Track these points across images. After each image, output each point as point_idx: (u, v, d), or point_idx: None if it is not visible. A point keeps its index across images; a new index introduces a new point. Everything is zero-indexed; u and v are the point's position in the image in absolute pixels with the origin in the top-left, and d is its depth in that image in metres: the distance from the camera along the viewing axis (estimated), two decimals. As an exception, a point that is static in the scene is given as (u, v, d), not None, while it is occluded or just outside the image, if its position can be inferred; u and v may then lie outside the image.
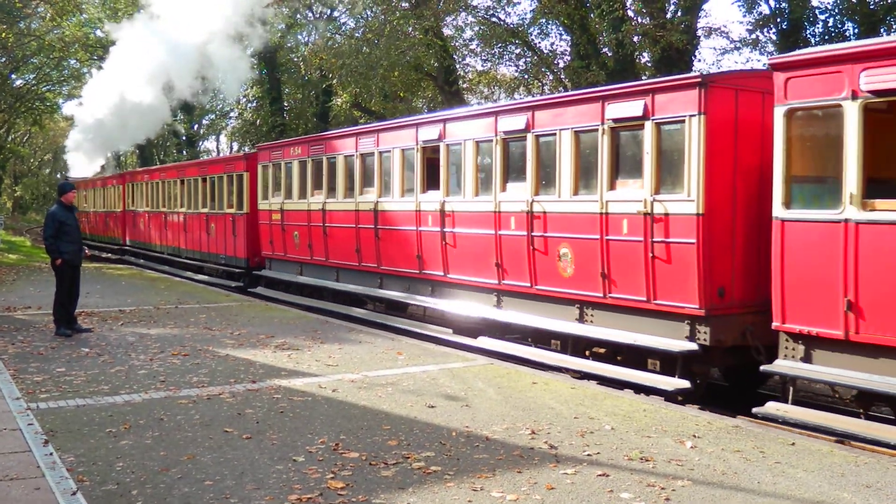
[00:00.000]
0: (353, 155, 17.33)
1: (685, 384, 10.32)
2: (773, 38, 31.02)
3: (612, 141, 11.26)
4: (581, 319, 11.84)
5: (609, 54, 29.14)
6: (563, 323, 12.08)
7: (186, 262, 27.59)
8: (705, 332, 10.25)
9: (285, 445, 7.68)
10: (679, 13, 28.90)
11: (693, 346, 10.31)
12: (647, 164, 10.71)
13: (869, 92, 8.31)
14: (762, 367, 9.67)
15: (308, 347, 12.96)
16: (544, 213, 12.26)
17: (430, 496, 6.37)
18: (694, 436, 8.11)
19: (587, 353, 11.83)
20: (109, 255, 37.40)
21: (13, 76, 51.16)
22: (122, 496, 6.33)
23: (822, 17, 29.35)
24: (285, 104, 45.55)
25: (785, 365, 9.31)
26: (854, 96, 8.43)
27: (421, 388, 10.12)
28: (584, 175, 11.74)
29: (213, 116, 61.01)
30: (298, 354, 12.34)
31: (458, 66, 36.43)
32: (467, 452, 7.49)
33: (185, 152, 55.30)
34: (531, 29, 34.74)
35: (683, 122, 10.27)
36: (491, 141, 13.31)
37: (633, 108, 10.91)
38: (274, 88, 42.74)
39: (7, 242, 48.21)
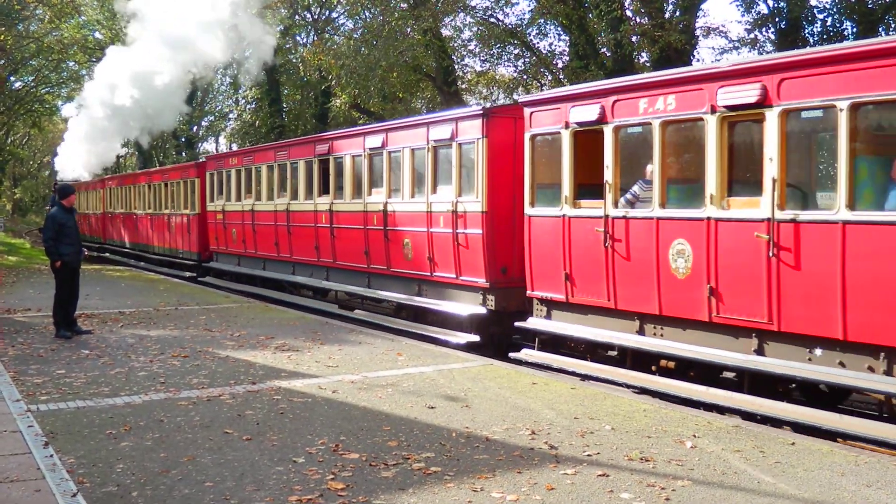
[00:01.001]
0: (272, 165, 21.33)
1: (475, 338, 13.75)
2: (772, 37, 31.01)
3: (434, 157, 14.73)
4: (419, 294, 15.41)
5: (608, 54, 29.15)
6: (404, 296, 15.72)
7: (154, 258, 31.25)
8: (492, 300, 13.59)
9: (285, 446, 7.68)
10: (677, 13, 28.88)
11: (483, 311, 13.67)
12: (453, 175, 14.13)
13: (575, 123, 11.62)
14: (516, 324, 12.87)
15: (308, 349, 12.96)
16: (394, 211, 15.79)
17: (430, 497, 6.37)
18: (694, 436, 8.12)
19: (414, 317, 15.84)
20: (87, 252, 38.49)
21: (12, 78, 51.18)
22: (123, 498, 6.33)
23: (821, 16, 29.33)
24: (284, 105, 45.56)
25: (533, 321, 12.56)
26: (566, 126, 11.78)
27: (421, 389, 10.12)
28: (418, 182, 15.27)
29: (212, 118, 61.07)
30: (298, 356, 12.34)
31: (456, 67, 36.42)
32: (467, 453, 7.49)
33: (184, 154, 55.32)
34: (529, 29, 34.73)
35: (474, 143, 13.65)
36: (361, 154, 17.09)
37: (445, 131, 14.34)
38: (273, 90, 42.74)
39: (6, 244, 48.24)
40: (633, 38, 27.61)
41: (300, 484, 6.64)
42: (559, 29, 33.82)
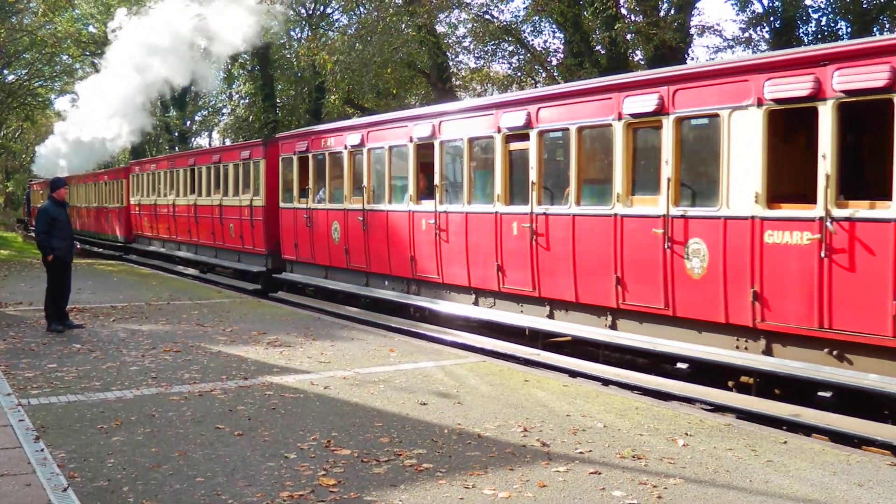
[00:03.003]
0: (188, 167, 27.04)
1: (258, 287, 21.46)
2: (767, 36, 31.05)
3: (244, 170, 22.72)
4: (239, 261, 23.47)
5: (602, 52, 29.13)
6: (231, 262, 23.80)
7: (103, 244, 37.92)
8: (271, 261, 21.05)
9: (277, 442, 7.66)
10: (672, 11, 28.88)
11: (263, 269, 21.44)
12: (251, 182, 22.19)
13: (298, 152, 19.75)
14: (274, 276, 20.81)
15: (300, 344, 12.94)
16: (224, 206, 23.78)
17: (421, 493, 6.36)
18: (686, 434, 8.12)
19: (234, 275, 24.09)
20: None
21: (5, 71, 51.05)
22: (113, 492, 6.31)
23: (815, 15, 29.38)
24: (278, 101, 45.48)
25: (284, 274, 20.24)
26: (296, 154, 19.55)
27: (413, 386, 10.11)
28: (237, 187, 23.22)
29: (205, 112, 60.93)
30: (290, 351, 12.32)
31: (451, 64, 36.37)
32: (459, 450, 7.49)
33: (177, 148, 55.20)
34: (524, 26, 34.72)
35: (259, 161, 21.64)
36: (215, 165, 24.99)
37: (246, 154, 22.57)
38: (267, 85, 42.66)
39: (-2, 238, 48.13)
40: (628, 36, 27.61)
41: (292, 480, 6.63)
42: (554, 26, 33.81)
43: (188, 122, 58.57)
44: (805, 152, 9.41)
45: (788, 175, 9.65)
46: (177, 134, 56.45)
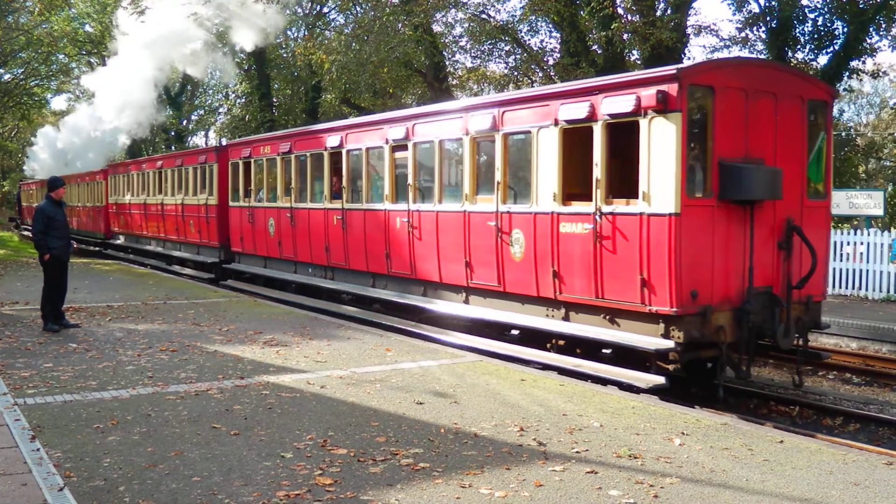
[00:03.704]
0: (157, 169, 30.09)
1: (213, 276, 24.39)
2: (763, 36, 31.04)
3: (201, 172, 25.49)
4: (198, 253, 26.43)
5: (599, 52, 29.13)
6: (191, 255, 27.20)
7: (85, 240, 39.20)
8: (223, 253, 24.01)
9: (273, 442, 7.66)
10: (669, 11, 28.87)
11: (217, 260, 24.31)
12: (206, 183, 25.03)
13: (241, 158, 22.56)
14: (224, 266, 23.63)
15: (296, 343, 12.94)
16: (185, 204, 27.06)
17: (418, 493, 6.36)
18: (682, 433, 8.13)
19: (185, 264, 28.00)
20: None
21: (1, 70, 50.91)
22: (110, 492, 6.30)
23: (812, 15, 29.38)
24: (274, 100, 45.43)
25: (233, 264, 23.30)
26: (242, 158, 22.42)
27: (409, 385, 10.11)
28: (195, 187, 26.33)
29: (202, 112, 60.88)
30: (287, 350, 12.32)
31: (447, 63, 36.36)
32: (456, 449, 7.49)
33: (173, 147, 55.17)
34: (521, 26, 34.69)
35: (213, 165, 24.45)
36: (177, 168, 28.28)
37: (202, 158, 25.65)
38: (263, 84, 42.62)
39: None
40: (625, 36, 27.60)
41: (288, 479, 6.62)
42: (550, 26, 33.77)
43: (185, 122, 58.53)
44: (587, 161, 11.63)
45: (576, 179, 12.12)
46: (173, 133, 56.42)
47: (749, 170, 10.86)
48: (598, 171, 11.29)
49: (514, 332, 12.94)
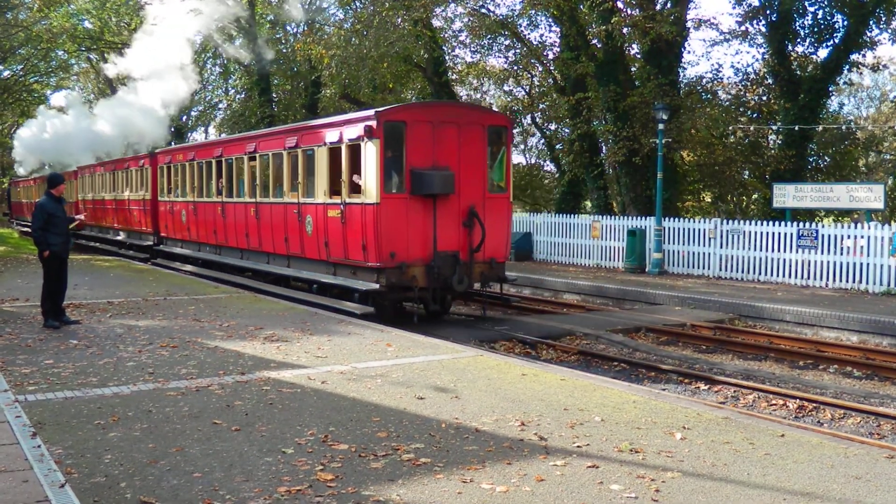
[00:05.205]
0: (114, 170, 35.28)
1: (147, 255, 30.49)
2: (763, 29, 31.00)
3: (140, 174, 30.83)
4: (129, 237, 33.11)
5: (598, 46, 29.10)
6: (133, 240, 32.69)
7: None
8: (155, 238, 29.79)
9: (274, 437, 7.66)
10: (668, 5, 28.85)
11: (150, 243, 30.30)
12: (141, 182, 30.58)
13: (165, 162, 29.20)
14: (154, 248, 30.01)
15: (297, 339, 12.93)
16: (127, 199, 33.10)
17: (419, 488, 6.36)
18: (684, 427, 8.13)
19: (129, 247, 33.29)
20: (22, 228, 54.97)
21: (0, 67, 50.85)
22: (111, 488, 6.30)
23: (812, 8, 29.36)
24: (274, 95, 45.39)
25: (161, 246, 29.61)
26: (164, 163, 29.14)
27: (410, 380, 10.11)
28: (134, 186, 31.76)
29: (201, 107, 60.83)
30: (287, 346, 12.32)
31: (447, 58, 36.33)
32: (457, 444, 7.49)
33: (172, 143, 55.13)
34: (520, 20, 34.66)
35: (148, 168, 29.92)
36: (118, 171, 34.71)
37: (140, 162, 31.05)
38: (263, 79, 42.58)
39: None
40: (624, 30, 27.58)
41: (289, 475, 6.62)
42: (550, 20, 33.76)
43: (184, 118, 58.48)
44: (340, 169, 17.05)
45: (337, 181, 17.24)
46: (173, 129, 56.34)
47: (430, 174, 15.99)
48: (344, 176, 16.81)
49: (315, 285, 18.50)
